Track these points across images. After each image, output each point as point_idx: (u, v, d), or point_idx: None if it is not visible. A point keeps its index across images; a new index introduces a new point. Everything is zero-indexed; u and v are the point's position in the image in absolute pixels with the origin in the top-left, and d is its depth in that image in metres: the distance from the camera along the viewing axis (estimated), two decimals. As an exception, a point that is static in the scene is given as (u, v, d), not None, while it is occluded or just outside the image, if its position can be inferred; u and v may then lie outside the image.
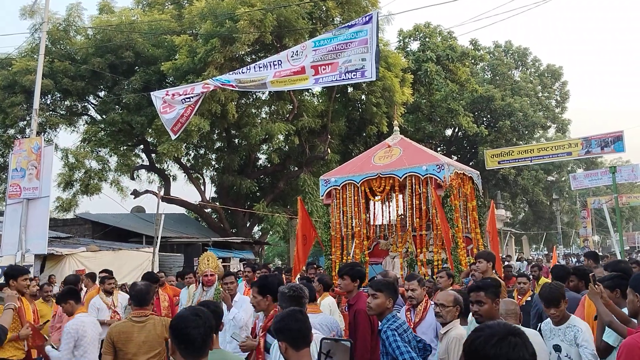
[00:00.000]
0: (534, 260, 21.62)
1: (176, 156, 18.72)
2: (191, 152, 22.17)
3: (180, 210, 24.68)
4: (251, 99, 20.25)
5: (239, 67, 12.26)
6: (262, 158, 23.68)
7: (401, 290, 5.46)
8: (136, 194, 20.12)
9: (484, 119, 29.33)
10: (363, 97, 20.69)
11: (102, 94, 20.07)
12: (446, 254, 7.78)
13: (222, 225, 21.79)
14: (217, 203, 22.29)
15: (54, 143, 18.61)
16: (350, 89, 20.26)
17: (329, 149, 20.45)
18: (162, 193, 18.05)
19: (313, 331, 2.76)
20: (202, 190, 21.81)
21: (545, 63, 33.65)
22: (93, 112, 20.85)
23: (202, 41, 16.37)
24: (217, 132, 20.66)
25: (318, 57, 7.90)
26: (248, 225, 22.51)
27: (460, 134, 29.42)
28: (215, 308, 3.49)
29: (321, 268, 9.52)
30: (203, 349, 2.45)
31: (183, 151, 19.44)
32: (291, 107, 19.29)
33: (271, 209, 19.93)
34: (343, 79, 7.93)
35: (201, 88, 9.14)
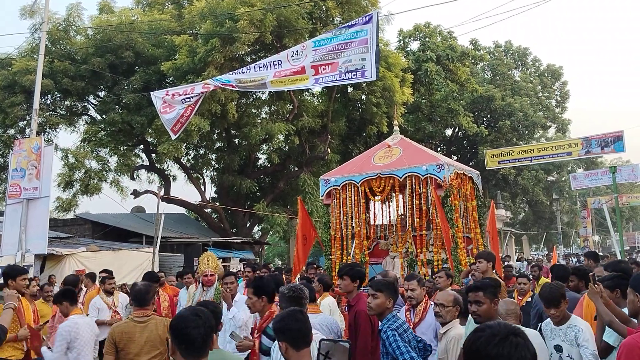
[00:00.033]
0: (534, 260, 21.63)
1: (176, 156, 18.71)
2: (191, 152, 22.17)
3: (180, 210, 24.71)
4: (251, 99, 20.24)
5: (239, 67, 12.25)
6: (262, 158, 23.69)
7: (401, 290, 5.46)
8: (136, 194, 20.11)
9: (484, 119, 29.32)
10: (363, 97, 20.67)
11: (102, 94, 20.06)
12: (446, 254, 7.78)
13: (222, 225, 21.78)
14: (217, 203, 22.28)
15: (54, 143, 18.62)
16: (350, 89, 20.25)
17: (329, 149, 20.45)
18: (162, 193, 18.05)
19: (313, 331, 2.76)
20: (202, 190, 21.80)
21: (545, 63, 33.69)
22: (93, 112, 20.86)
23: (202, 41, 16.36)
24: (217, 132, 20.65)
25: (318, 57, 7.90)
26: (248, 225, 22.51)
27: (460, 134, 29.41)
28: (214, 308, 3.49)
29: (321, 268, 9.52)
30: (203, 349, 2.45)
31: (183, 151, 19.43)
32: (291, 107, 19.28)
33: (271, 209, 19.93)
34: (343, 79, 7.93)
35: (201, 88, 9.14)
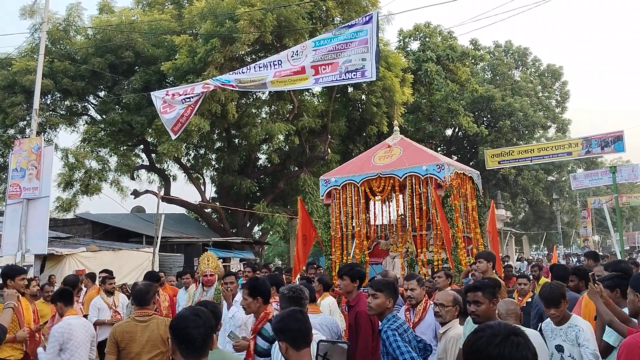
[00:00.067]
0: (534, 260, 21.63)
1: (176, 156, 18.71)
2: (191, 152, 22.16)
3: (180, 210, 24.70)
4: (251, 99, 20.24)
5: (239, 67, 12.25)
6: (262, 158, 23.69)
7: (401, 290, 5.45)
8: (136, 194, 20.11)
9: (484, 119, 29.32)
10: (363, 97, 20.66)
11: (102, 94, 20.05)
12: (446, 254, 7.78)
13: (222, 225, 21.78)
14: (217, 203, 22.28)
15: (54, 143, 18.62)
16: (350, 89, 20.24)
17: (329, 149, 20.44)
18: (162, 193, 18.05)
19: (313, 331, 2.76)
20: (202, 190, 21.80)
21: (545, 63, 33.72)
22: (93, 112, 20.86)
23: (202, 41, 16.36)
24: (217, 132, 20.65)
25: (318, 57, 7.90)
26: (248, 225, 22.51)
27: (460, 134, 29.40)
28: (213, 308, 3.49)
29: (321, 268, 9.52)
30: (203, 349, 2.45)
31: (183, 151, 19.43)
32: (291, 107, 19.28)
33: (271, 209, 19.92)
34: (343, 79, 7.92)
35: (201, 88, 9.14)
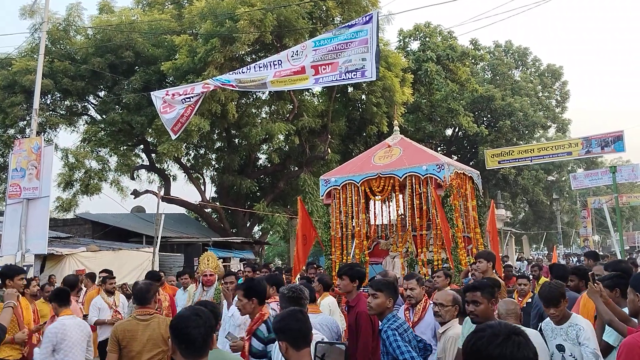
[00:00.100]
0: (534, 260, 21.63)
1: (176, 156, 18.71)
2: (191, 152, 22.17)
3: (180, 210, 24.70)
4: (251, 99, 20.24)
5: (239, 67, 12.25)
6: (262, 158, 23.70)
7: (400, 290, 5.45)
8: (136, 194, 20.12)
9: (484, 119, 29.32)
10: (363, 97, 20.66)
11: (102, 94, 20.06)
12: (446, 254, 7.78)
13: (222, 225, 21.78)
14: (217, 203, 22.28)
15: (54, 143, 18.62)
16: (350, 89, 20.25)
17: (329, 149, 20.45)
18: (162, 193, 18.04)
19: (313, 331, 2.76)
20: (202, 190, 21.80)
21: (545, 63, 33.75)
22: (93, 112, 20.86)
23: (202, 41, 16.36)
24: (217, 132, 20.65)
25: (318, 57, 7.90)
26: (248, 225, 22.51)
27: (460, 134, 29.41)
28: (212, 308, 3.49)
29: (321, 268, 9.52)
30: (203, 349, 2.45)
31: (183, 151, 19.43)
32: (291, 107, 19.28)
33: (271, 209, 19.93)
34: (343, 79, 7.92)
35: (201, 88, 9.14)
